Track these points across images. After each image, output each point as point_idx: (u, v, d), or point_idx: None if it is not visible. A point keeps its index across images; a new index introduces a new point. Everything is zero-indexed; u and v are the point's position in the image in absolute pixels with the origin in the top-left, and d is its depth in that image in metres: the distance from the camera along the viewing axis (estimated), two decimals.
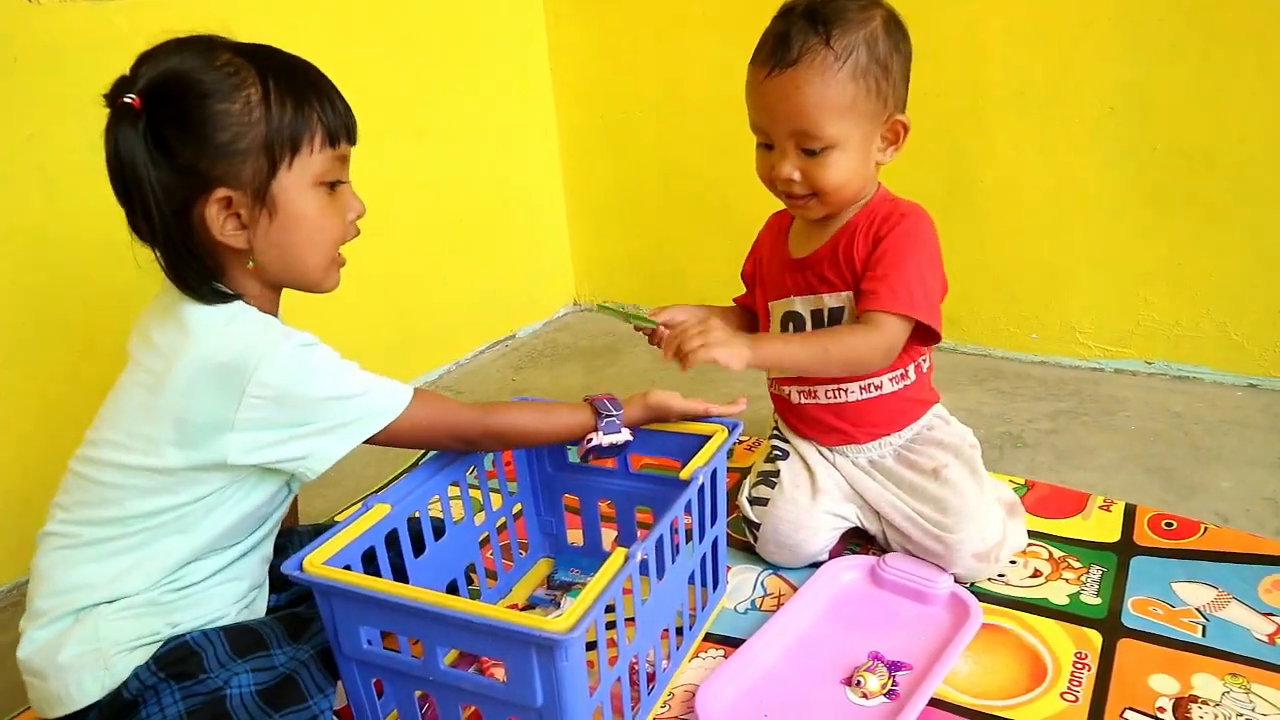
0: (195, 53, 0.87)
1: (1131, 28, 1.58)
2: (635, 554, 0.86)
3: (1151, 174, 1.63)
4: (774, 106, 1.09)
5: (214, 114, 0.86)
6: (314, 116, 0.91)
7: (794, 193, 1.13)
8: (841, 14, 1.07)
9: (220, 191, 0.87)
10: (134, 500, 0.89)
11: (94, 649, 0.88)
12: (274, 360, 0.87)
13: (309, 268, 0.96)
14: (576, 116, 2.21)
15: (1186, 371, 1.70)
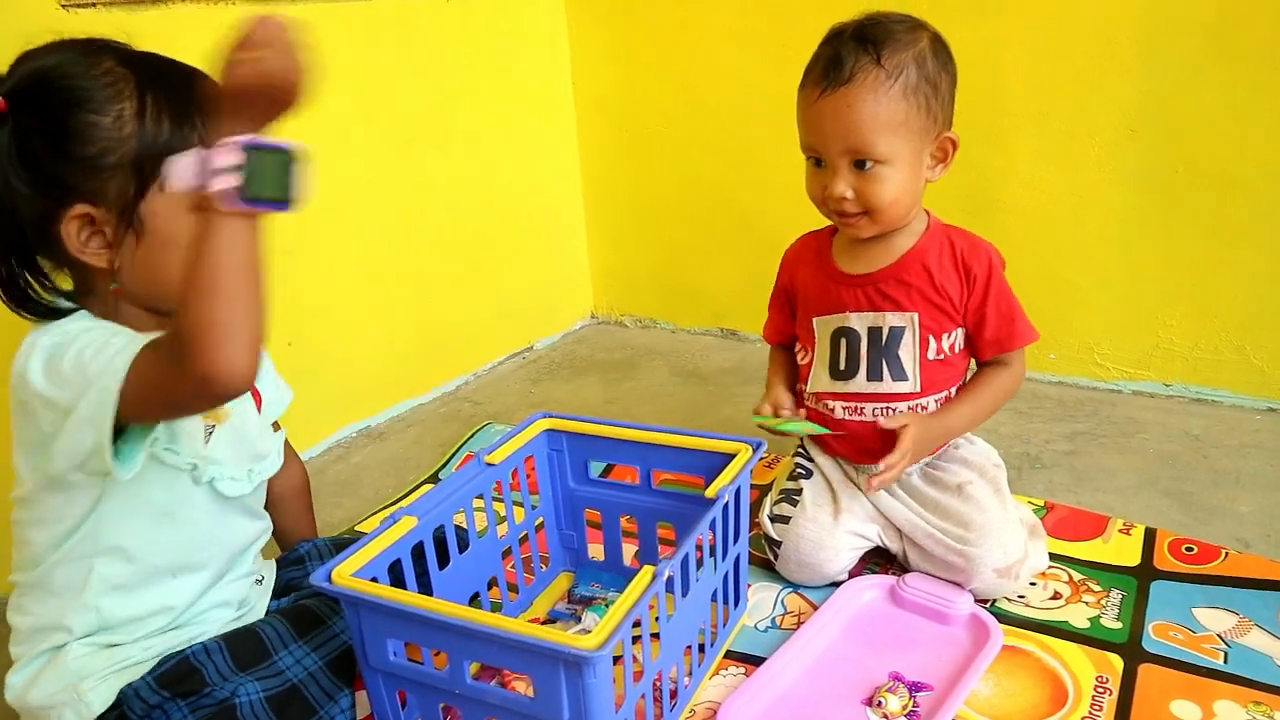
0: (76, 56, 0.84)
1: (1153, 48, 1.58)
2: (663, 571, 0.86)
3: (1173, 195, 1.63)
4: (827, 125, 1.11)
5: (82, 125, 0.81)
6: (194, 136, 0.84)
7: (846, 211, 1.14)
8: (890, 35, 1.10)
9: (80, 208, 0.82)
10: (31, 533, 0.90)
11: (66, 685, 0.89)
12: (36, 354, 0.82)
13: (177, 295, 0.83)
14: (597, 128, 2.22)
15: (1205, 394, 1.70)
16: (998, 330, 1.19)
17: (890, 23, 1.12)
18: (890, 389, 1.20)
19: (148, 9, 1.38)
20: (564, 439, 1.21)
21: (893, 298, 1.19)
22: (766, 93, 1.97)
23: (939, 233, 1.21)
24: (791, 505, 1.23)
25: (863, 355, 1.21)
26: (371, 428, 1.84)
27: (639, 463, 1.18)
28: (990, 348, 1.21)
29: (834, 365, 1.23)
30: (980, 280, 1.19)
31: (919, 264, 1.19)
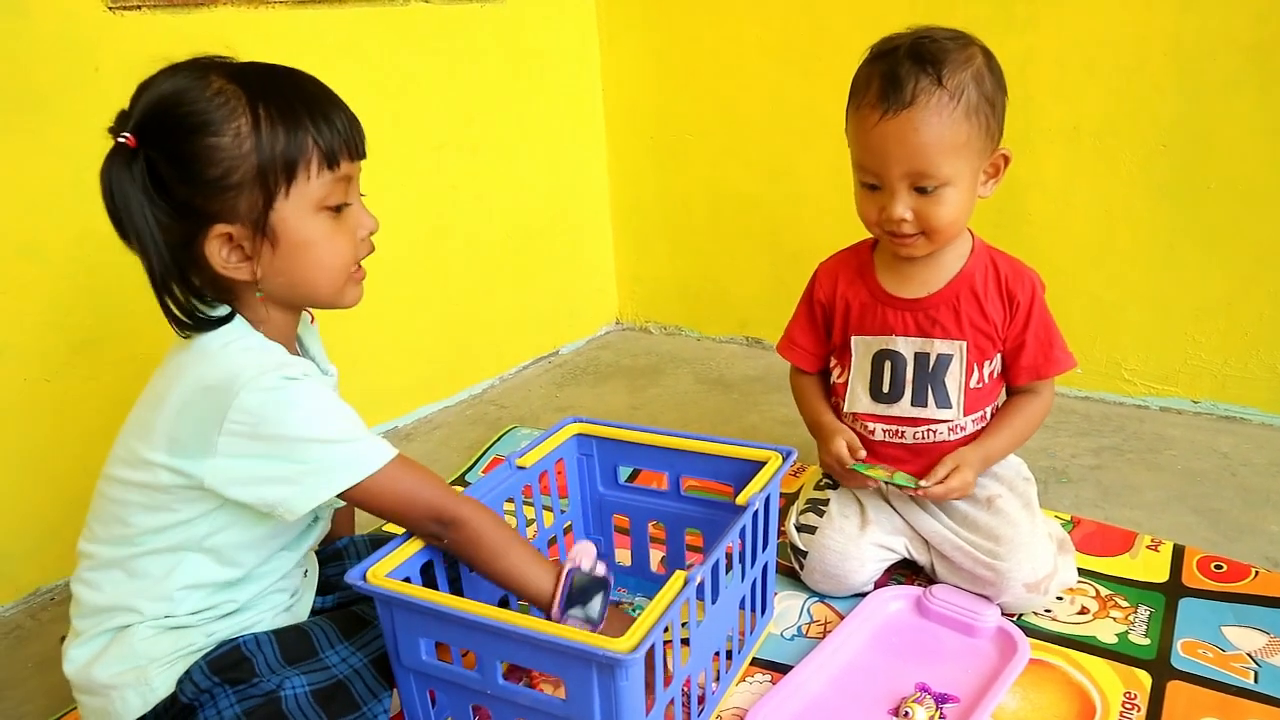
0: (188, 81, 0.85)
1: (1186, 64, 1.58)
2: (695, 577, 0.87)
3: (1205, 211, 1.63)
4: (890, 149, 1.08)
5: (204, 149, 0.84)
6: (308, 140, 0.87)
7: (903, 232, 1.12)
8: (946, 53, 1.07)
9: (219, 228, 0.86)
10: (137, 516, 0.90)
11: (133, 666, 0.90)
12: (255, 387, 0.85)
13: (320, 291, 0.94)
14: (626, 136, 2.24)
15: (1234, 412, 1.69)
16: (1034, 357, 1.20)
17: (943, 39, 1.09)
18: (933, 415, 1.20)
19: (191, 11, 1.40)
20: (594, 444, 1.22)
21: (942, 324, 1.19)
22: (796, 103, 1.98)
23: (983, 254, 1.20)
24: (818, 515, 1.23)
25: (908, 380, 1.20)
26: (399, 429, 1.85)
27: (668, 469, 1.19)
28: (1025, 374, 1.21)
29: (875, 387, 1.22)
30: (1023, 308, 1.19)
31: (968, 288, 1.18)
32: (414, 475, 0.93)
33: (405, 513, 0.93)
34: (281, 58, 1.52)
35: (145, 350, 1.40)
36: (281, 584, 1.00)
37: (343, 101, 0.92)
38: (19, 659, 1.23)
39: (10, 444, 1.30)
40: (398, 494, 0.91)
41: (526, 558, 0.96)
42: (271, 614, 0.98)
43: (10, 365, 1.28)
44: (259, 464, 0.86)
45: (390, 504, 0.92)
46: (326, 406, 0.89)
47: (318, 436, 0.87)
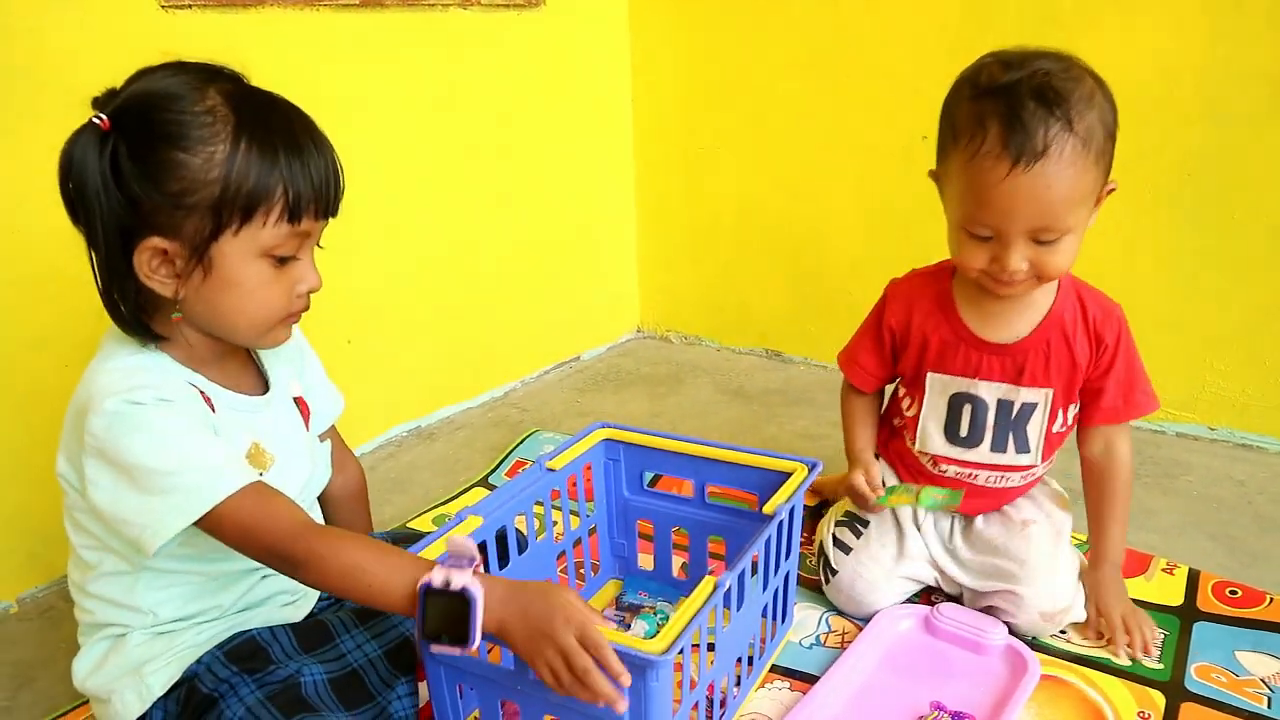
0: (184, 87, 0.83)
1: (1214, 95, 1.60)
2: (724, 583, 0.89)
3: (1228, 241, 1.64)
4: (1018, 207, 0.98)
5: (171, 161, 0.81)
6: (278, 188, 0.84)
7: (1012, 280, 1.03)
8: (1066, 88, 0.97)
9: (156, 240, 0.83)
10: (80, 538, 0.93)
11: (128, 670, 0.92)
12: (100, 410, 0.82)
13: (238, 334, 0.90)
14: (654, 148, 2.26)
15: (1252, 440, 1.70)
16: (1114, 399, 1.15)
17: (1056, 70, 0.98)
18: (1012, 460, 1.18)
19: (240, 11, 1.43)
20: (621, 449, 1.24)
21: (1031, 372, 1.13)
22: (823, 120, 2.00)
23: (1070, 290, 1.14)
24: (855, 535, 1.24)
25: (989, 426, 1.17)
26: (422, 428, 1.88)
27: (694, 476, 1.21)
28: (1101, 416, 1.16)
29: (952, 429, 1.18)
30: (1110, 350, 1.13)
31: (1059, 331, 1.12)
32: (261, 505, 0.84)
33: (252, 549, 0.84)
34: (325, 58, 1.56)
35: None
36: (278, 584, 1.01)
37: (332, 155, 0.88)
38: (51, 641, 1.26)
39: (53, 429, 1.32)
40: (243, 530, 0.83)
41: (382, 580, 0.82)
42: (270, 610, 1.00)
43: (52, 354, 1.31)
44: (110, 495, 0.83)
45: (237, 539, 0.84)
46: (170, 432, 0.83)
47: (150, 467, 0.81)
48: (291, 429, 1.01)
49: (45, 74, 1.25)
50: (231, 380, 0.95)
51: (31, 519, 1.33)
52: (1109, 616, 1.16)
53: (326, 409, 1.11)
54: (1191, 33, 1.59)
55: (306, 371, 1.08)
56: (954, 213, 1.05)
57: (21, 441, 1.31)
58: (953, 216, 1.06)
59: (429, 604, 0.80)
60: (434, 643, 0.80)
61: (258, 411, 0.97)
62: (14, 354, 1.29)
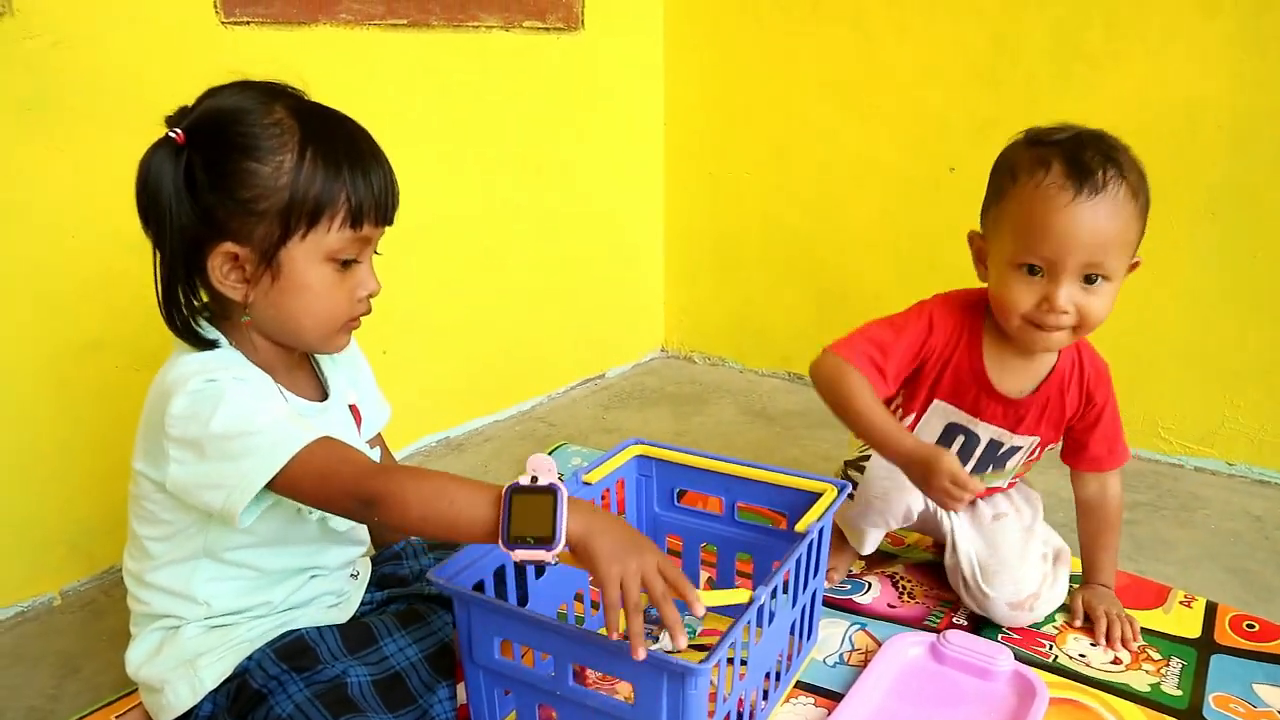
0: (252, 102, 0.89)
1: (1239, 134, 1.63)
2: (760, 598, 0.92)
3: (1249, 278, 1.67)
4: (1079, 233, 1.05)
5: (242, 170, 0.87)
6: (341, 195, 0.89)
7: (1060, 325, 1.10)
8: (1116, 145, 1.09)
9: (228, 245, 0.88)
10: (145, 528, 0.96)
11: (182, 662, 0.96)
12: (181, 391, 0.87)
13: (304, 336, 0.96)
14: (684, 171, 2.31)
15: (1269, 476, 1.73)
16: (1099, 448, 1.26)
17: (1103, 134, 1.11)
18: (986, 483, 1.30)
19: (295, 28, 1.48)
20: (654, 465, 1.27)
21: (1028, 424, 1.23)
22: (850, 146, 2.04)
23: (1078, 353, 1.23)
24: None
25: (975, 456, 1.27)
26: (451, 439, 1.92)
27: (724, 494, 1.24)
28: (1088, 464, 1.27)
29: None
30: (1098, 407, 1.24)
31: (1058, 389, 1.22)
32: (332, 456, 0.87)
33: (330, 499, 0.87)
34: (372, 73, 1.61)
35: None
36: (324, 585, 1.05)
37: (389, 166, 0.94)
38: (94, 632, 1.29)
39: (99, 426, 1.37)
40: (317, 479, 0.86)
41: (461, 502, 0.85)
42: (316, 610, 1.03)
43: (105, 353, 1.35)
44: (195, 469, 0.87)
45: (314, 491, 0.87)
46: (245, 402, 0.87)
47: (233, 432, 0.86)
48: (347, 435, 1.05)
49: (108, 87, 1.30)
50: (294, 386, 1.00)
51: (75, 513, 1.37)
52: (1092, 610, 1.26)
53: (376, 416, 1.15)
54: (1216, 73, 1.63)
55: (360, 380, 1.12)
56: (1005, 251, 1.11)
57: (68, 438, 1.35)
58: (1003, 257, 1.12)
59: (514, 504, 0.82)
60: (519, 547, 0.82)
61: (317, 417, 1.01)
62: (67, 354, 1.32)
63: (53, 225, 1.28)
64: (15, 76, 1.22)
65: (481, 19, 1.77)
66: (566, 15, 1.95)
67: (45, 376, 1.31)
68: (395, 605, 1.10)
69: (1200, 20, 1.62)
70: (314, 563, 1.03)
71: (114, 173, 1.31)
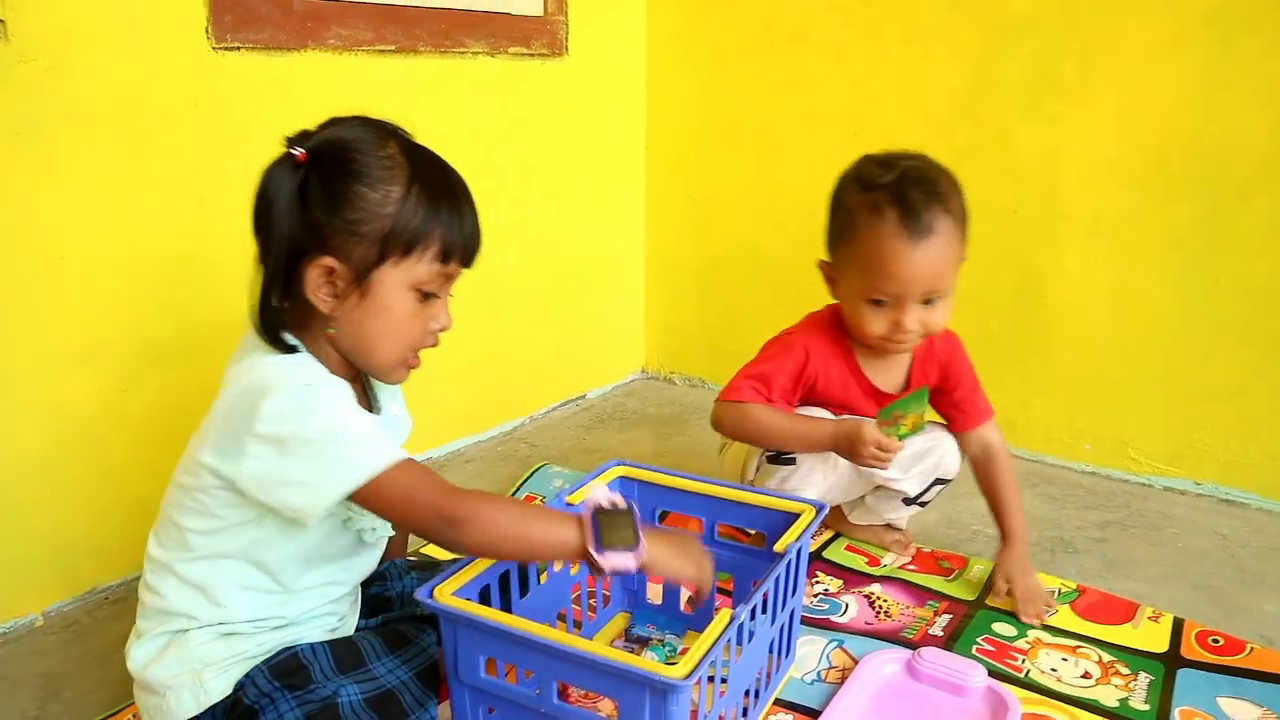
0: (370, 136, 0.97)
1: (1205, 166, 1.69)
2: (740, 615, 0.94)
3: (1216, 305, 1.72)
4: (918, 275, 1.25)
5: (354, 193, 0.94)
6: (438, 231, 0.97)
7: (910, 341, 1.31)
8: (939, 178, 1.27)
9: (327, 259, 0.94)
10: (188, 519, 0.98)
11: (188, 669, 0.97)
12: (279, 391, 0.92)
13: (377, 357, 1.01)
14: (665, 195, 2.34)
15: (1235, 496, 1.77)
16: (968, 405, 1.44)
17: (923, 164, 1.28)
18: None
19: (284, 54, 1.50)
20: (635, 487, 1.29)
21: None
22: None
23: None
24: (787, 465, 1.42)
25: None
26: (433, 459, 1.93)
27: (704, 514, 1.26)
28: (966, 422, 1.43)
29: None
30: (956, 372, 1.43)
31: (921, 374, 1.42)
32: (418, 476, 0.94)
33: (412, 514, 0.94)
34: (360, 98, 1.64)
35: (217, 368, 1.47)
36: (330, 607, 1.07)
37: (477, 214, 1.02)
38: (78, 653, 1.30)
39: (85, 447, 1.38)
40: (403, 495, 0.93)
41: (546, 523, 0.98)
42: (319, 632, 1.05)
43: (92, 374, 1.36)
44: (278, 465, 0.91)
45: (398, 506, 0.94)
46: (341, 411, 0.94)
47: (329, 438, 0.91)
48: None
49: (100, 111, 1.32)
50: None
51: (59, 533, 1.38)
52: (1012, 584, 1.37)
53: (401, 431, 1.17)
54: (1184, 108, 1.68)
55: (397, 397, 1.16)
56: (855, 287, 1.31)
57: (54, 459, 1.36)
58: (854, 291, 1.32)
59: (600, 520, 0.98)
60: (610, 551, 0.96)
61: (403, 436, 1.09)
62: (55, 374, 1.33)
63: (43, 249, 1.30)
64: (8, 101, 1.24)
65: (468, 45, 1.80)
66: (551, 41, 1.98)
67: (32, 396, 1.32)
68: (384, 628, 1.12)
69: (1169, 55, 1.68)
70: (335, 579, 1.05)
71: (106, 197, 1.34)
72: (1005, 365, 1.93)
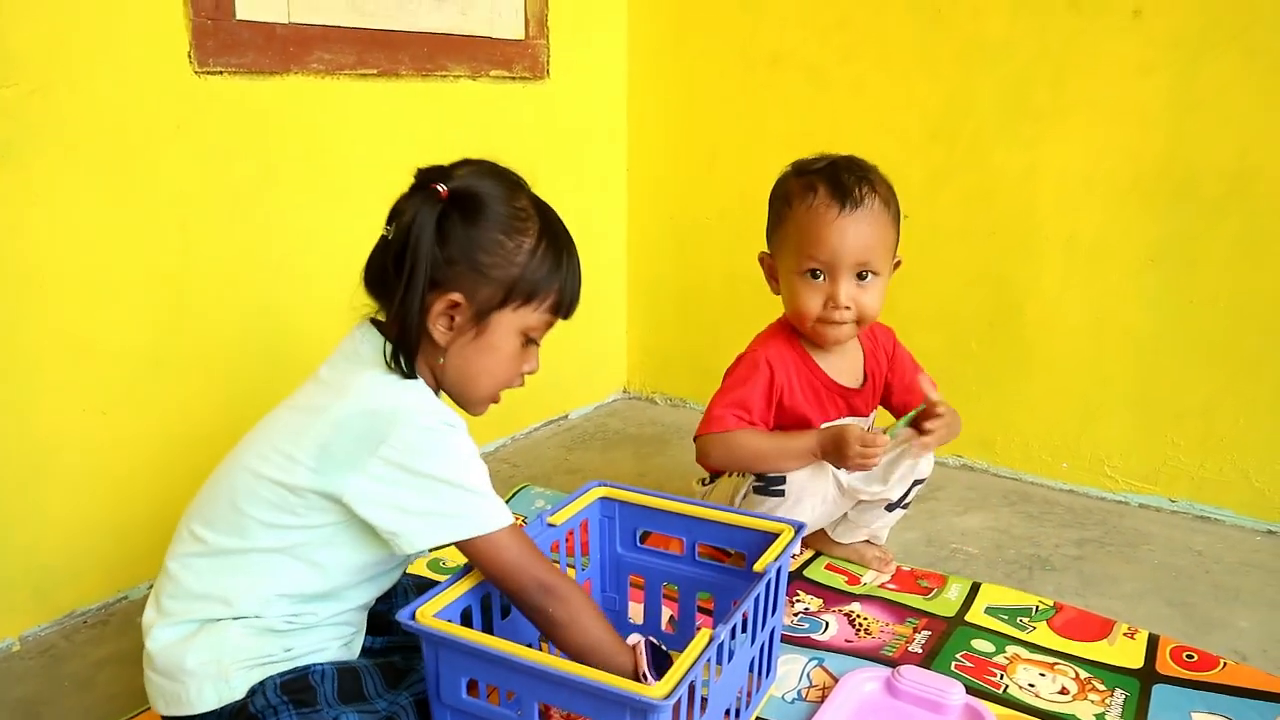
0: (505, 186, 1.04)
1: (1176, 187, 1.71)
2: (720, 635, 0.95)
3: (1188, 323, 1.75)
4: (846, 241, 1.33)
5: (491, 239, 1.00)
6: (557, 285, 1.05)
7: (843, 319, 1.37)
8: (865, 166, 1.38)
9: (455, 295, 0.99)
10: (261, 510, 0.98)
11: (216, 660, 0.97)
12: (416, 424, 0.96)
13: (476, 392, 1.07)
14: (647, 216, 2.36)
15: (1209, 513, 1.79)
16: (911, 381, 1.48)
17: (860, 160, 1.39)
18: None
19: (267, 78, 1.51)
20: (616, 507, 1.30)
21: (871, 404, 1.52)
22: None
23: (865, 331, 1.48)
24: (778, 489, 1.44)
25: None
26: None
27: (685, 534, 1.27)
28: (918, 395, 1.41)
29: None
30: (897, 356, 1.54)
31: (875, 364, 1.51)
32: (526, 543, 1.02)
33: (513, 577, 1.00)
34: (343, 122, 1.65)
35: (199, 390, 1.49)
36: (351, 615, 1.08)
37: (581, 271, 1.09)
38: (55, 677, 1.29)
39: (64, 468, 1.37)
40: (511, 556, 1.00)
41: (611, 635, 1.04)
42: (336, 644, 1.05)
43: (71, 396, 1.36)
44: (398, 492, 0.96)
45: (502, 565, 1.00)
46: (471, 458, 1.00)
47: (458, 483, 0.97)
48: None
49: (84, 136, 1.32)
50: None
51: (38, 557, 1.37)
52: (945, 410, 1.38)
53: None
54: (1155, 130, 1.71)
55: None
56: (791, 265, 1.39)
57: (31, 481, 1.35)
58: (790, 269, 1.39)
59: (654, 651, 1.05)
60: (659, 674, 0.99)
61: None
62: (34, 397, 1.33)
63: (25, 270, 1.30)
64: None
65: (450, 68, 1.82)
66: (533, 65, 2.00)
67: (11, 416, 1.32)
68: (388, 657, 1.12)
69: (1138, 80, 1.71)
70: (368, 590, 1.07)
71: (88, 219, 1.34)
72: (983, 384, 1.95)
